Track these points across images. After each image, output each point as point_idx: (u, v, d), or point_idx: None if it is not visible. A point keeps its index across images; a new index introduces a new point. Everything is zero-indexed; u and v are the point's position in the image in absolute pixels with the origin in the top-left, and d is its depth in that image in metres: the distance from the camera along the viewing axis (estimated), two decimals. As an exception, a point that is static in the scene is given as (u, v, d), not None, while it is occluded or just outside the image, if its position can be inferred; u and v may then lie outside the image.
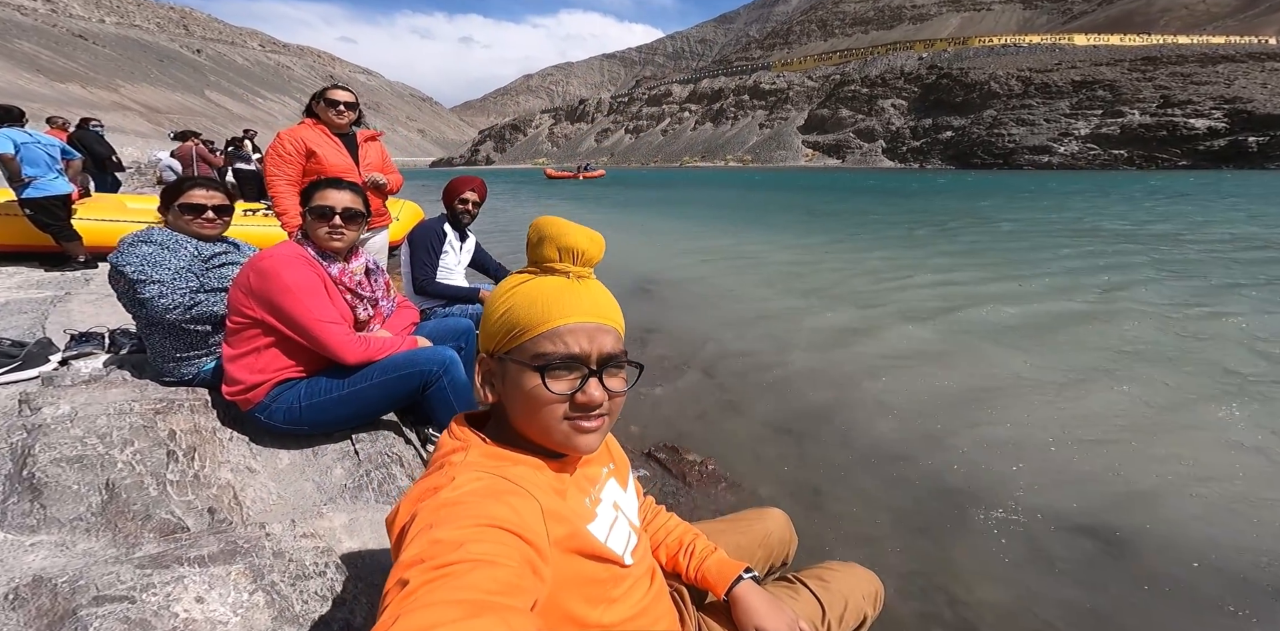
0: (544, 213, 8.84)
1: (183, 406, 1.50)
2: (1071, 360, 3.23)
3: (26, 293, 3.14)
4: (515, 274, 0.69)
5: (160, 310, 1.57)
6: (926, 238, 8.88)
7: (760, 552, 1.02)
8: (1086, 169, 66.12)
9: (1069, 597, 1.50)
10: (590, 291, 0.66)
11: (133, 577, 0.81)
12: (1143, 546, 1.69)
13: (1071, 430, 2.41)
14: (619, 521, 0.73)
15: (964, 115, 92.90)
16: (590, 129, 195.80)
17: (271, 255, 1.46)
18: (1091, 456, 2.20)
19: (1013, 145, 79.59)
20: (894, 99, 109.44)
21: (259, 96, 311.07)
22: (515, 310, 0.63)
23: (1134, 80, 78.55)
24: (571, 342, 0.61)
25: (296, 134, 2.55)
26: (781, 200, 18.99)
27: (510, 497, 0.56)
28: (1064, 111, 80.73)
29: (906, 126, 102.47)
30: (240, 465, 1.37)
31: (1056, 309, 4.33)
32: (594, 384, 0.62)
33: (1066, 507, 1.88)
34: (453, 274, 2.97)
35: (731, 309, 4.53)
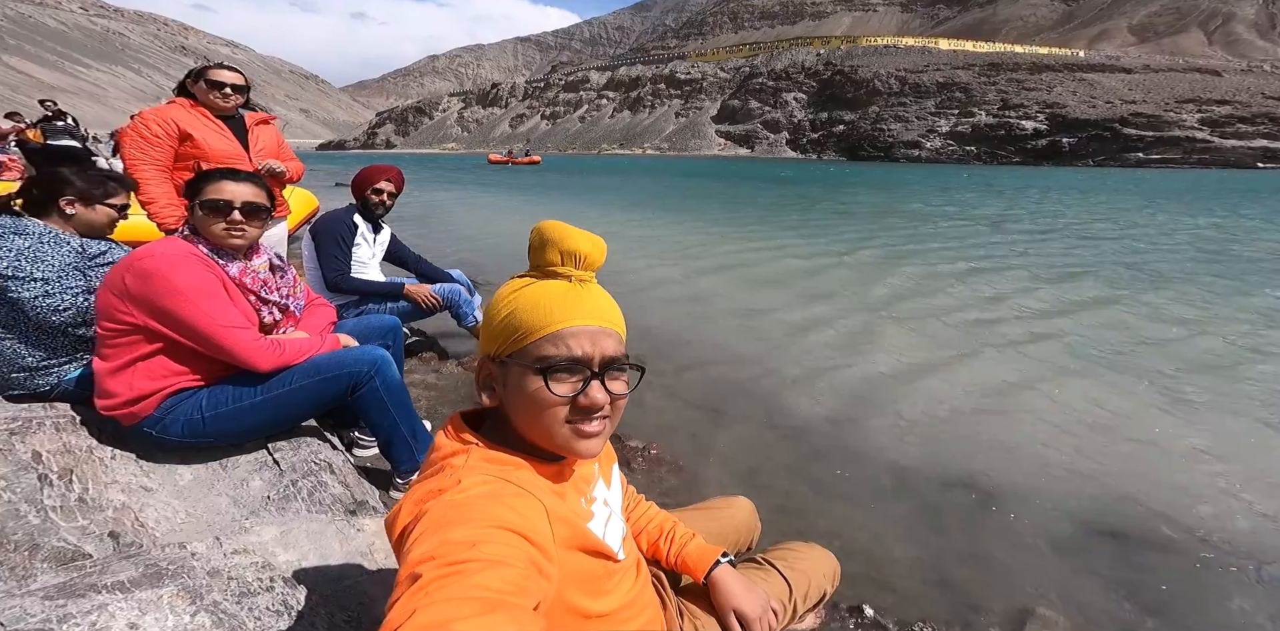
0: (460, 198, 8.32)
1: (44, 424, 1.31)
2: (941, 334, 3.76)
3: None
4: (516, 278, 0.70)
5: (44, 311, 1.39)
6: (845, 228, 9.68)
7: (730, 539, 1.10)
8: (947, 162, 75.21)
9: (963, 549, 1.79)
10: (592, 295, 0.68)
11: (42, 609, 0.73)
12: (1008, 498, 2.05)
13: (958, 397, 2.83)
14: (612, 517, 0.77)
15: (854, 110, 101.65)
16: (504, 114, 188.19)
17: (154, 254, 1.30)
18: (968, 421, 2.60)
19: (891, 140, 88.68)
20: (796, 92, 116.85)
21: (79, 65, 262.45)
22: (518, 313, 0.65)
23: (982, 83, 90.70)
24: (574, 345, 0.63)
25: (165, 114, 2.25)
26: (700, 187, 19.80)
27: (516, 500, 0.58)
28: (930, 110, 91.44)
29: (806, 119, 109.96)
30: (133, 485, 1.23)
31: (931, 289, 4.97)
32: (596, 386, 0.64)
33: (952, 467, 2.22)
34: (367, 268, 2.80)
35: (668, 299, 4.69)
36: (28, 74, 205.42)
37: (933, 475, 2.18)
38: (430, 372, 2.84)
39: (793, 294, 4.83)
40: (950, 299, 4.72)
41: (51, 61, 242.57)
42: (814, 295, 4.79)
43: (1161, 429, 2.55)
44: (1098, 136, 69.53)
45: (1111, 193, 18.86)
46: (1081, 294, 4.87)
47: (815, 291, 4.92)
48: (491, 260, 6.23)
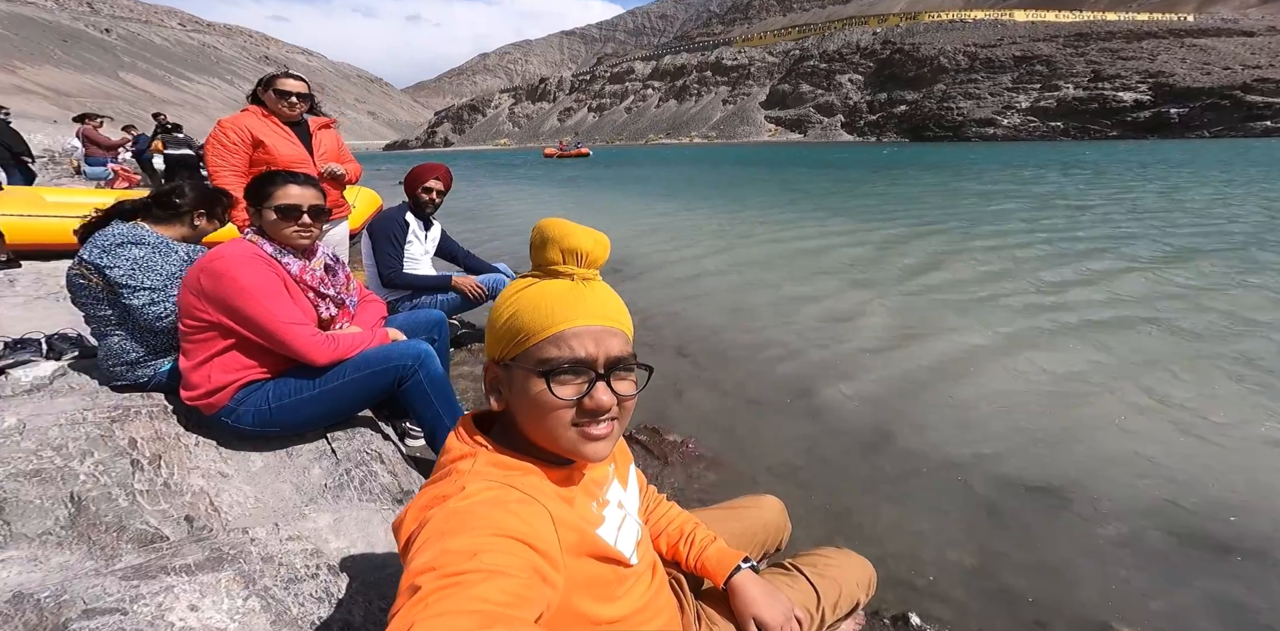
0: (509, 192, 8.41)
1: (140, 413, 1.44)
2: (1018, 324, 3.45)
3: (-58, 299, 2.88)
4: (520, 278, 0.68)
5: (149, 317, 1.51)
6: (889, 210, 9.14)
7: (756, 540, 1.06)
8: (1028, 140, 69.68)
9: (1027, 556, 1.63)
10: (596, 293, 0.65)
11: (119, 589, 0.80)
12: (1081, 500, 1.86)
13: (1036, 395, 2.58)
14: (626, 520, 0.74)
15: (916, 89, 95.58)
16: (552, 108, 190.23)
17: (223, 255, 1.39)
18: (1055, 417, 2.37)
19: (961, 118, 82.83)
20: (851, 74, 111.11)
21: (183, 78, 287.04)
22: (519, 315, 0.63)
23: (1068, 55, 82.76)
24: (577, 347, 0.61)
25: (240, 122, 2.40)
26: (750, 176, 19.12)
27: (520, 507, 0.57)
28: (1006, 85, 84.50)
29: (863, 101, 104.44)
30: (211, 470, 1.34)
31: (1017, 288, 4.57)
32: (601, 388, 0.62)
33: (1026, 469, 2.03)
34: (419, 264, 2.90)
35: (706, 288, 4.59)
36: (142, 89, 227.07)
37: (995, 473, 2.01)
38: (478, 364, 2.93)
39: (839, 282, 4.60)
40: (1011, 284, 4.37)
41: (160, 76, 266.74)
42: (860, 283, 4.55)
43: (1269, 428, 2.25)
44: (1214, 105, 62.42)
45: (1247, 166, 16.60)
46: (1176, 278, 4.35)
47: (862, 279, 4.67)
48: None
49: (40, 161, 10.28)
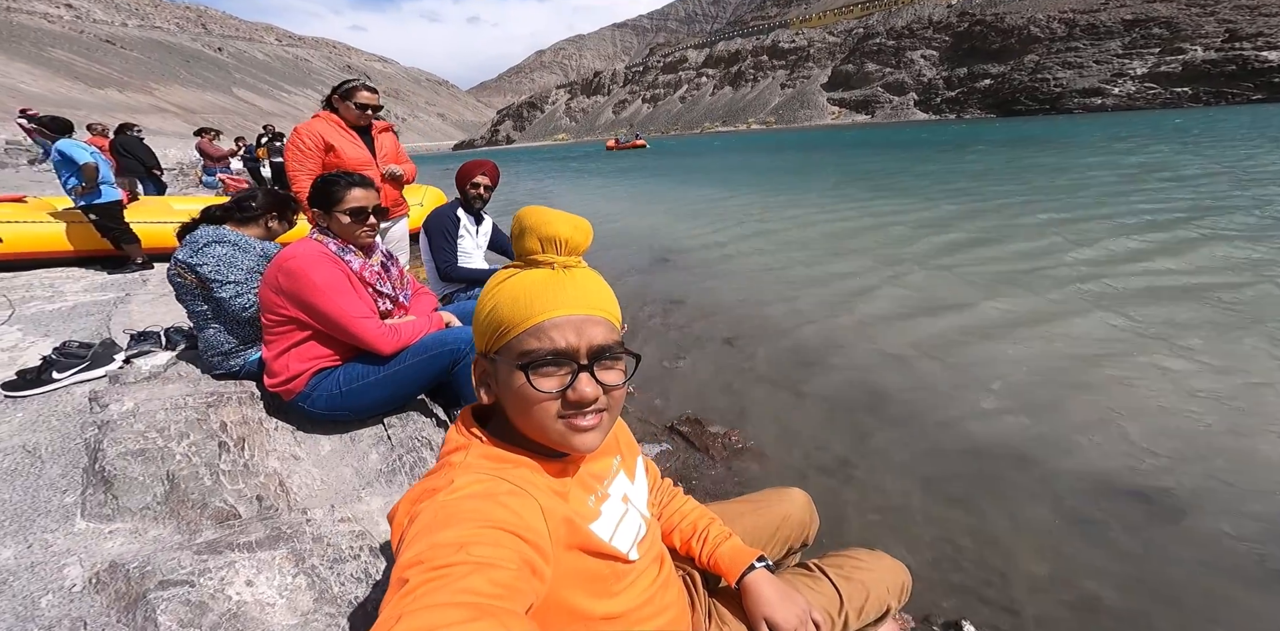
0: (563, 184, 8.44)
1: (231, 399, 1.59)
2: (1115, 324, 3.03)
3: (92, 295, 3.35)
4: (502, 269, 0.66)
5: (236, 309, 1.66)
6: (963, 195, 8.36)
7: (778, 535, 1.00)
8: (1146, 108, 61.26)
9: (1113, 567, 1.45)
10: (577, 281, 0.62)
11: (191, 563, 0.88)
12: (1185, 507, 1.61)
13: (1130, 400, 2.27)
14: (629, 514, 0.71)
15: (1002, 62, 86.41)
16: (607, 101, 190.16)
17: (296, 255, 1.48)
18: (1125, 410, 2.08)
19: (1060, 89, 74.11)
20: (923, 49, 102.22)
21: (283, 91, 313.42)
22: (500, 307, 0.61)
23: (1193, 16, 71.48)
24: (558, 337, 0.58)
25: (314, 128, 2.55)
26: (812, 161, 18.09)
27: (510, 498, 0.55)
28: (1115, 52, 74.49)
29: (939, 77, 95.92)
30: (286, 453, 1.45)
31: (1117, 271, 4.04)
32: (584, 379, 0.59)
33: (1118, 473, 1.79)
34: (472, 258, 2.99)
35: (754, 276, 4.44)
36: (251, 103, 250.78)
37: (1080, 474, 1.80)
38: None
39: (900, 272, 4.27)
40: (1112, 280, 3.85)
41: (264, 90, 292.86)
42: (930, 274, 4.18)
43: None
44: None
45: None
46: None
47: (931, 270, 4.29)
48: (593, 244, 6.36)
49: (171, 174, 11.65)
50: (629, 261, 5.35)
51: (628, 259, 5.47)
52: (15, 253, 4.38)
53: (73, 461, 1.32)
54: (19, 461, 1.32)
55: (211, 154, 9.18)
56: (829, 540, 1.58)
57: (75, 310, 2.94)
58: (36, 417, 1.60)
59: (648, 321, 3.58)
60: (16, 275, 4.09)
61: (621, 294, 4.19)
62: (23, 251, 4.42)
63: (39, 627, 0.79)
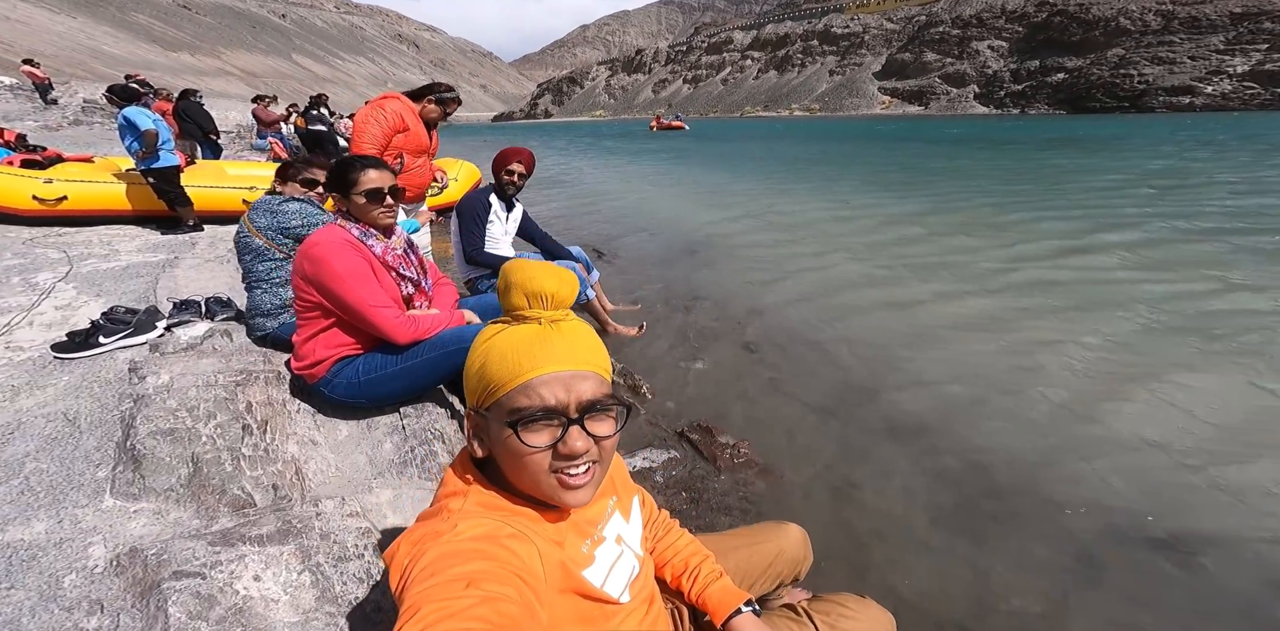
0: (591, 164, 8.31)
1: (259, 378, 1.62)
2: (1150, 346, 2.82)
3: (144, 256, 3.48)
4: (490, 324, 0.65)
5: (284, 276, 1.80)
6: (1019, 198, 7.87)
7: (771, 570, 1.00)
8: (1239, 110, 55.93)
9: (1108, 613, 1.37)
10: (565, 336, 0.61)
11: (205, 554, 0.89)
12: (1214, 559, 1.50)
13: (1174, 436, 2.12)
14: (623, 556, 0.72)
15: (1081, 55, 79.95)
16: (647, 80, 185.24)
17: (319, 242, 1.48)
18: (1196, 463, 1.94)
19: (1144, 86, 68.25)
20: (992, 40, 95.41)
21: (339, 58, 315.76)
22: (489, 365, 0.60)
23: None
24: (547, 394, 0.58)
25: (397, 108, 2.60)
26: (855, 154, 17.18)
27: (511, 542, 0.56)
28: (1216, 48, 67.66)
29: (1006, 69, 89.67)
30: (305, 437, 1.47)
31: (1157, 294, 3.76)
32: (575, 432, 0.59)
33: (1148, 521, 1.69)
34: (499, 244, 2.97)
35: (783, 277, 4.29)
36: (308, 69, 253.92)
37: (1091, 512, 1.70)
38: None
39: (940, 281, 4.04)
40: (1155, 305, 3.58)
41: (321, 57, 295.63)
42: (965, 284, 3.95)
43: None
44: None
45: None
46: None
47: (968, 279, 4.05)
48: (616, 230, 6.28)
49: (229, 136, 11.96)
50: (654, 250, 5.25)
51: (653, 248, 5.37)
52: (79, 209, 4.58)
53: (108, 434, 1.37)
54: (60, 430, 1.38)
55: (264, 119, 9.40)
56: (826, 563, 1.54)
57: (127, 270, 3.06)
58: (81, 382, 1.67)
59: (668, 317, 3.52)
60: (79, 231, 4.28)
61: (644, 285, 4.16)
62: (86, 209, 4.62)
63: (60, 608, 0.82)
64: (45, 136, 9.25)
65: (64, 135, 10.27)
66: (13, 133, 5.67)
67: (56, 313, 2.30)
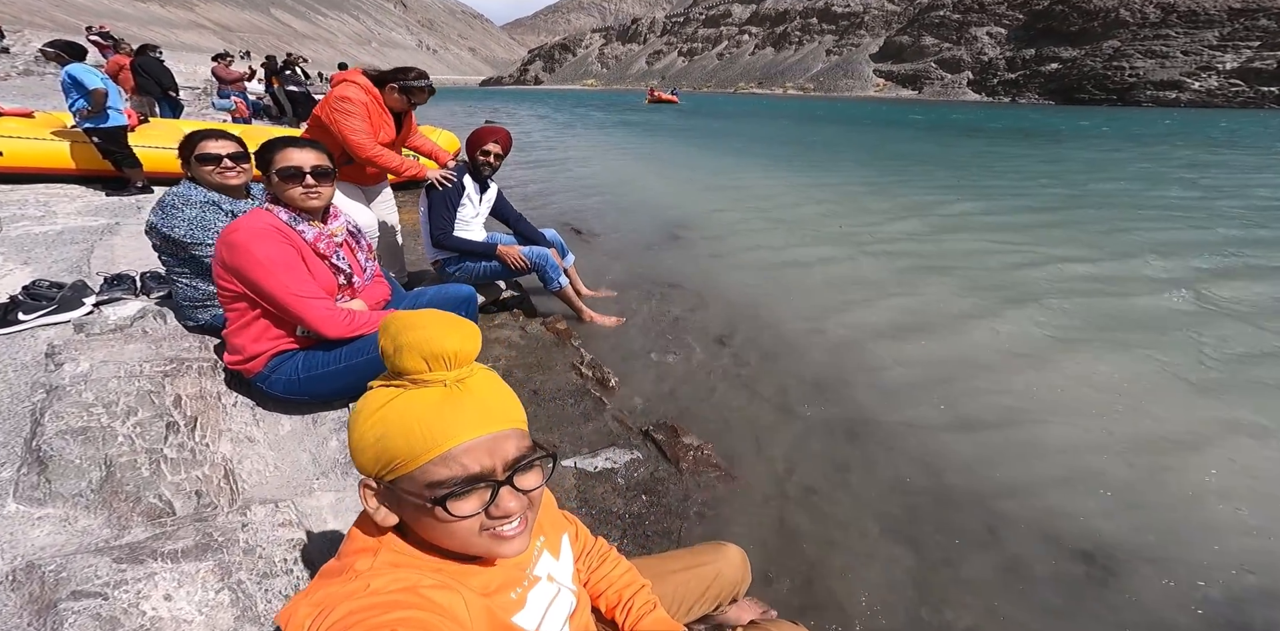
0: (578, 137, 7.90)
1: (191, 368, 1.51)
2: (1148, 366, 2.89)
3: (83, 219, 3.23)
4: (377, 388, 0.56)
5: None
6: (1035, 192, 7.89)
7: (709, 593, 1.00)
8: (1223, 107, 56.74)
9: (1039, 626, 1.42)
10: (476, 396, 0.55)
11: (108, 572, 0.83)
12: (1138, 567, 1.57)
13: (1149, 454, 2.15)
14: (560, 594, 0.69)
15: (1077, 46, 79.74)
16: (641, 50, 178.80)
17: (239, 228, 1.36)
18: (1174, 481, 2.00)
19: (1134, 79, 68.75)
20: (990, 26, 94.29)
21: (319, 14, 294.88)
22: (390, 438, 0.52)
23: None
24: (470, 463, 0.52)
25: (358, 99, 2.30)
26: (850, 137, 16.84)
27: (434, 592, 0.53)
28: (1209, 43, 68.04)
29: (1002, 57, 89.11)
30: (240, 434, 1.39)
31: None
32: (506, 493, 0.55)
33: (1087, 531, 1.74)
34: (469, 226, 2.85)
35: (766, 267, 4.23)
36: (287, 24, 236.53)
37: (1036, 527, 1.73)
38: (516, 329, 2.91)
39: (938, 280, 3.98)
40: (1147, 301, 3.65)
41: (301, 12, 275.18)
42: (966, 283, 3.89)
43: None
44: None
45: None
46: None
47: (967, 278, 3.99)
48: (597, 209, 6.11)
49: (194, 92, 11.14)
50: (636, 233, 5.13)
51: (635, 230, 5.25)
52: (15, 166, 4.23)
53: (17, 428, 1.27)
54: (-38, 424, 1.26)
55: (224, 78, 8.79)
56: (776, 571, 1.56)
57: (62, 236, 2.84)
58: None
59: (643, 304, 3.46)
60: (15, 188, 3.96)
61: (622, 270, 4.07)
62: (23, 166, 4.27)
63: None
64: (-14, 83, 8.48)
65: (11, 85, 9.45)
66: (-61, 79, 5.14)
67: (-24, 284, 2.12)
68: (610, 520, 1.63)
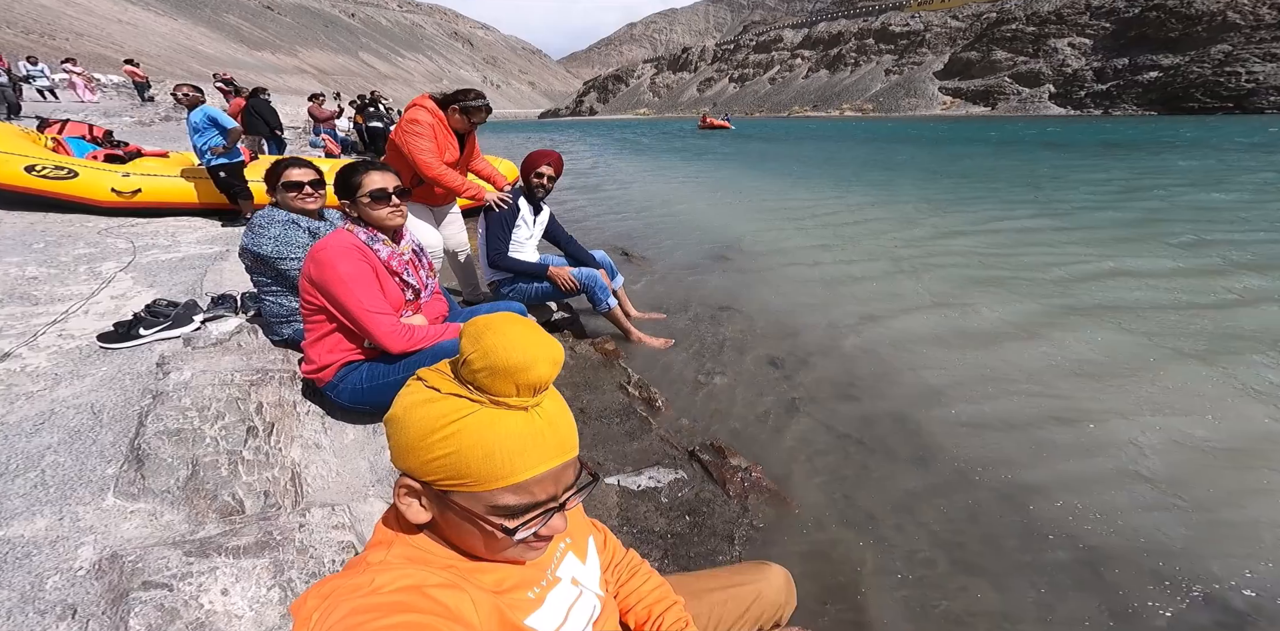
0: (627, 162, 8.02)
1: (273, 378, 1.65)
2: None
3: (200, 248, 3.69)
4: (449, 394, 0.52)
5: (296, 278, 1.78)
6: (1090, 203, 7.21)
7: (749, 614, 0.91)
8: None
9: None
10: (554, 425, 0.54)
11: (178, 565, 0.89)
12: None
13: (1242, 488, 1.86)
14: (582, 597, 0.67)
15: (1179, 52, 73.53)
16: (692, 78, 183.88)
17: (327, 246, 1.49)
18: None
19: (1252, 85, 62.17)
20: (1073, 37, 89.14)
21: (399, 56, 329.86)
22: (463, 457, 0.50)
23: None
24: (539, 492, 0.53)
25: (429, 120, 2.55)
26: (904, 157, 16.32)
27: (440, 591, 0.51)
28: None
29: (1089, 68, 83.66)
30: (310, 441, 1.48)
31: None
32: (559, 517, 0.56)
33: (1178, 561, 1.47)
34: (523, 247, 2.97)
35: (821, 290, 4.07)
36: (372, 66, 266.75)
37: (1146, 569, 1.50)
38: (565, 349, 2.94)
39: (1006, 300, 3.66)
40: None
41: (384, 54, 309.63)
42: (1033, 304, 3.56)
43: None
44: None
45: None
46: None
47: (1037, 300, 3.64)
48: (646, 232, 6.20)
49: (295, 131, 12.70)
50: (685, 255, 5.14)
51: (684, 252, 5.26)
52: (152, 202, 4.95)
53: (125, 430, 1.43)
54: (83, 422, 1.44)
55: (318, 116, 9.93)
56: (829, 598, 1.43)
57: (182, 262, 3.25)
58: (116, 373, 1.76)
59: (692, 326, 3.42)
60: (150, 222, 4.61)
61: (672, 292, 4.07)
62: (158, 201, 4.98)
63: (35, 611, 0.83)
64: (138, 132, 10.09)
65: (155, 131, 11.18)
66: (100, 129, 6.19)
67: (111, 302, 2.47)
68: (651, 539, 1.58)
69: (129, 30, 78.82)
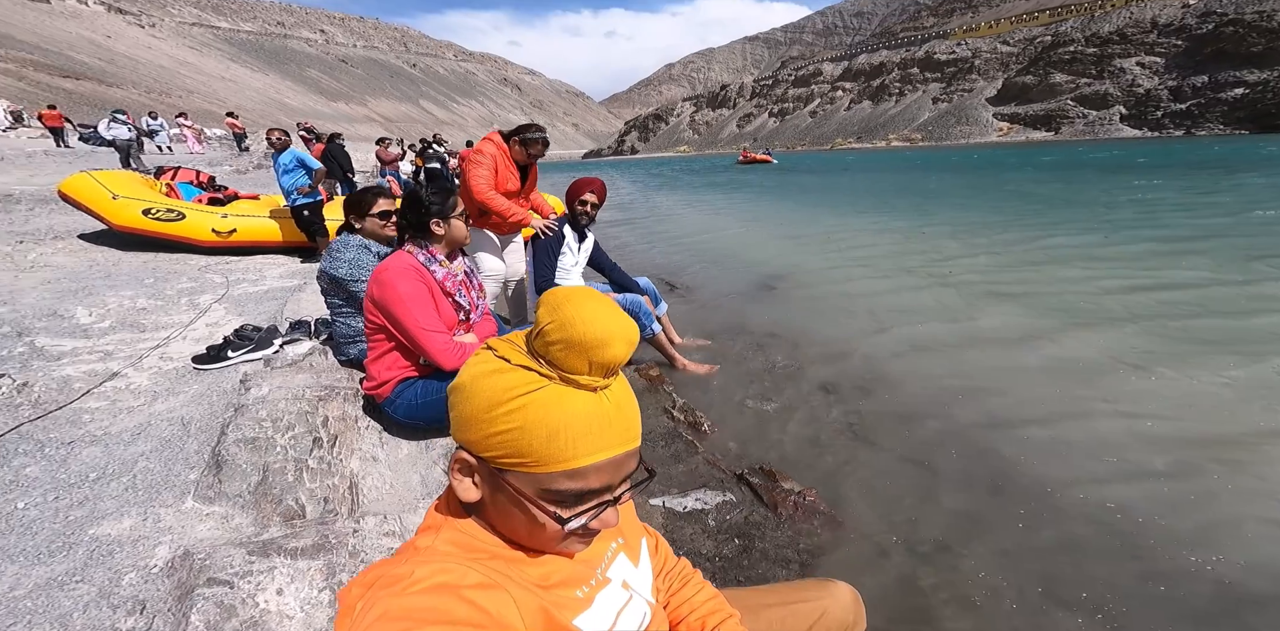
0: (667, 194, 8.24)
1: (339, 394, 1.75)
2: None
3: (282, 281, 4.06)
4: (518, 366, 0.50)
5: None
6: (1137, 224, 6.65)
7: None
8: None
9: None
10: (622, 410, 0.52)
11: (240, 563, 0.93)
12: None
13: None
14: (632, 602, 0.62)
15: (1265, 67, 69.14)
16: (732, 114, 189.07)
17: (388, 267, 1.61)
18: None
19: None
20: (1141, 56, 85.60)
21: (455, 102, 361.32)
22: (527, 434, 0.48)
23: None
24: (595, 480, 0.51)
25: (493, 152, 2.78)
26: (975, 183, 15.76)
27: (477, 593, 0.48)
28: None
29: (1163, 87, 79.60)
30: (368, 454, 1.55)
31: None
32: (611, 510, 0.53)
33: None
34: (569, 274, 3.05)
35: (868, 316, 3.93)
36: (431, 113, 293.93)
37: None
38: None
39: (1056, 322, 3.46)
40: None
41: (441, 101, 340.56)
42: (1086, 325, 3.34)
43: None
44: None
45: None
46: None
47: (1092, 322, 3.42)
48: (689, 262, 6.24)
49: (365, 174, 14.02)
50: (728, 284, 5.11)
51: (727, 281, 5.23)
52: (245, 241, 5.53)
53: (208, 440, 1.55)
54: (173, 433, 1.58)
55: (384, 159, 10.95)
56: (897, 624, 1.29)
57: (267, 294, 3.59)
58: (205, 391, 1.93)
59: (739, 353, 3.35)
60: (242, 259, 5.15)
61: (718, 319, 4.03)
62: (250, 240, 5.56)
63: (109, 605, 0.89)
64: (236, 178, 11.48)
65: (249, 177, 12.68)
66: (206, 175, 7.08)
67: (206, 329, 2.74)
68: (698, 562, 1.51)
69: (230, 86, 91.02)
